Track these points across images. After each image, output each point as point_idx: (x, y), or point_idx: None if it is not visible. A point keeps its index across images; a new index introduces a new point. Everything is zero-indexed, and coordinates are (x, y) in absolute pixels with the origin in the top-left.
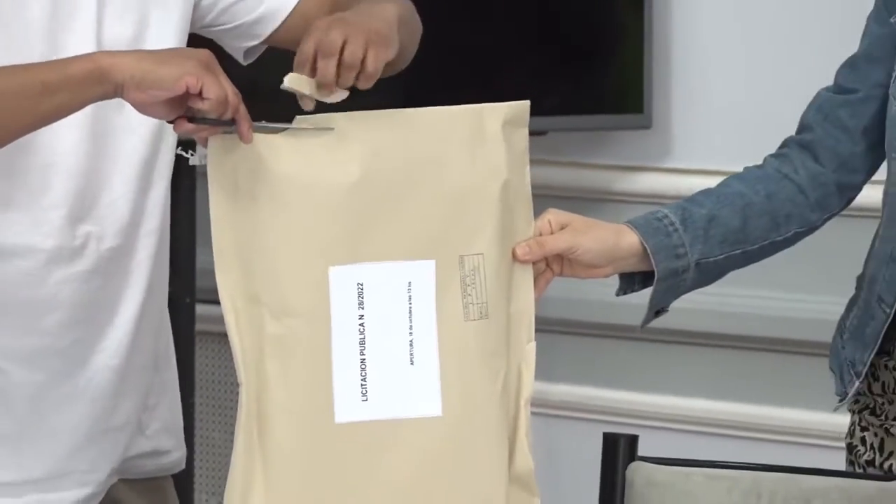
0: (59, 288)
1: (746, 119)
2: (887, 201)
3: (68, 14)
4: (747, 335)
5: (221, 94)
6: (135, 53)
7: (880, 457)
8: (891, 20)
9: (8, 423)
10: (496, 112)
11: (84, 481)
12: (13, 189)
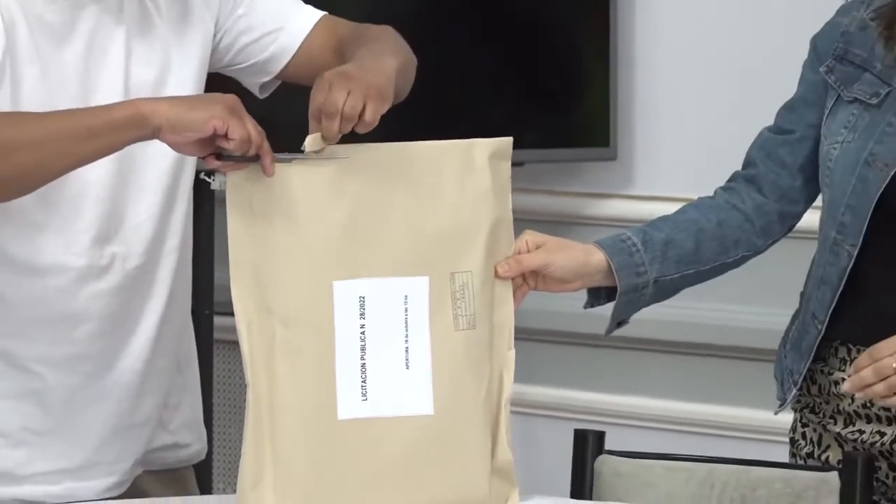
0: (89, 302)
1: (700, 152)
2: (821, 228)
3: (99, 59)
4: (702, 343)
5: (245, 135)
6: (169, 100)
7: (818, 450)
8: (821, 69)
9: (45, 420)
10: (484, 146)
11: (111, 471)
12: (48, 215)
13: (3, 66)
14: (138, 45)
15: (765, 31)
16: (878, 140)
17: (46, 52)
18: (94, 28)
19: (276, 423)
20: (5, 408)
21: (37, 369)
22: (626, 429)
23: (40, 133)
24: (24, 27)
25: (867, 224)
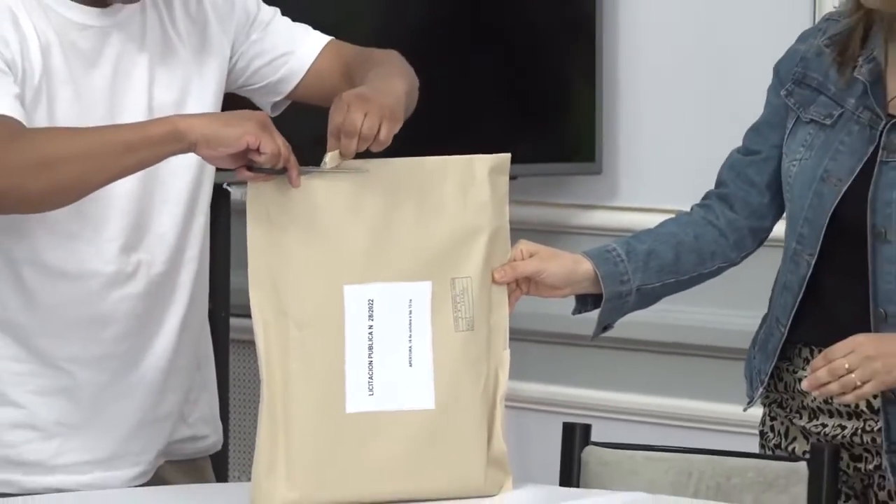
0: (117, 306)
1: (678, 167)
2: (785, 239)
3: (125, 82)
4: (679, 343)
5: (275, 150)
6: (205, 116)
7: (786, 441)
8: (781, 93)
9: (75, 415)
10: (484, 162)
11: (136, 461)
12: (79, 225)
13: (41, 86)
14: (160, 70)
15: (739, 56)
16: (832, 157)
17: (78, 75)
18: (120, 53)
19: (288, 416)
20: (39, 403)
21: (69, 367)
22: (611, 422)
23: (81, 148)
24: (58, 51)
25: (823, 235)
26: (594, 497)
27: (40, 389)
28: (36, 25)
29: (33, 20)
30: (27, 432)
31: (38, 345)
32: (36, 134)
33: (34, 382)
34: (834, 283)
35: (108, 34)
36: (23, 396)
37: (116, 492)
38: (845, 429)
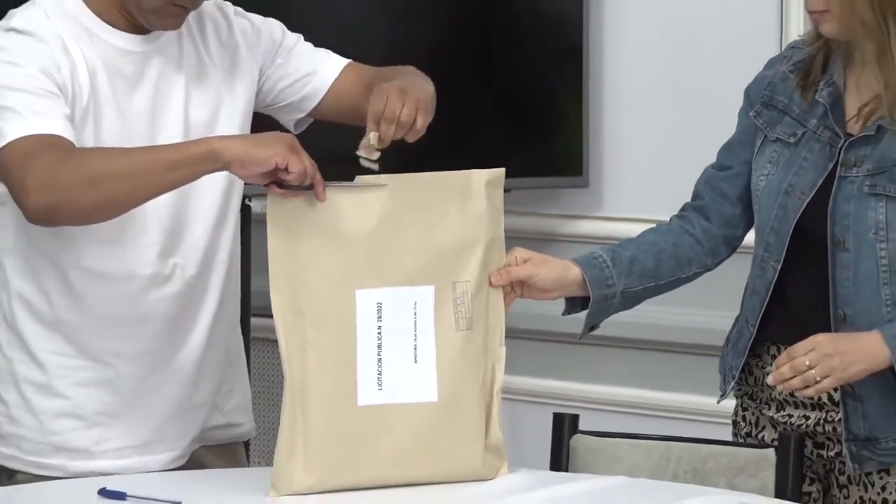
0: (154, 305)
1: (658, 181)
2: (754, 247)
3: (163, 102)
4: (660, 340)
5: (302, 169)
6: (239, 138)
7: (756, 430)
8: (750, 114)
9: (116, 404)
10: (481, 176)
11: (172, 446)
12: (121, 232)
13: (89, 107)
14: (195, 90)
15: (713, 80)
16: (796, 173)
17: (121, 96)
18: (159, 76)
19: (306, 408)
20: (83, 395)
21: (110, 361)
22: (597, 412)
23: (128, 166)
24: (104, 76)
25: (788, 243)
26: (581, 481)
27: (84, 381)
28: (83, 51)
29: (81, 47)
30: (72, 421)
31: (84, 341)
32: (87, 153)
33: (79, 375)
34: (797, 288)
35: (149, 58)
36: (68, 388)
37: (154, 475)
38: (809, 419)
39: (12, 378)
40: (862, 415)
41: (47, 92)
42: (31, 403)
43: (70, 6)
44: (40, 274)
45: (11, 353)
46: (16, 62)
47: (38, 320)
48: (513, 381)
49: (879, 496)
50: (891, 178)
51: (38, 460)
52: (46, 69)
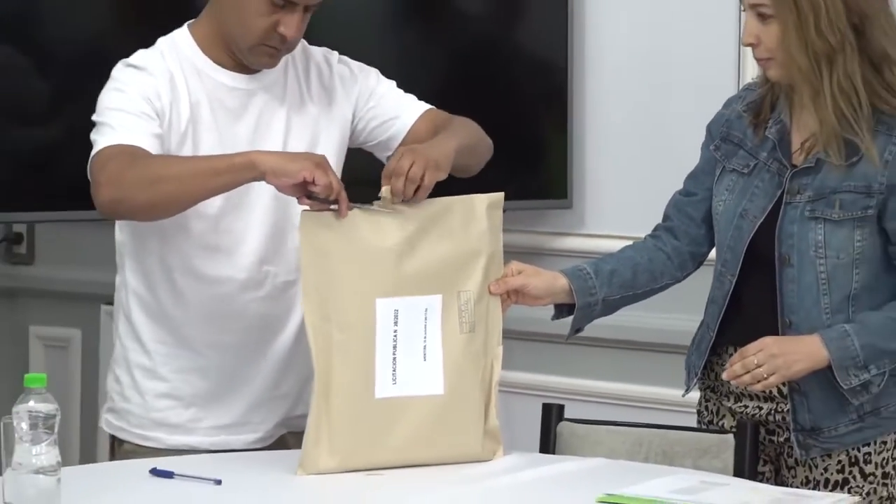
0: (246, 305)
1: (632, 203)
2: (715, 261)
3: (265, 132)
4: (636, 341)
5: (327, 183)
6: (275, 153)
7: (717, 418)
8: (710, 147)
9: (209, 389)
10: (483, 199)
11: (256, 429)
12: (222, 241)
13: (187, 132)
14: (295, 123)
15: (680, 117)
16: (749, 199)
17: (224, 126)
18: (262, 109)
19: (330, 399)
20: (181, 379)
21: (205, 352)
22: (581, 403)
23: (180, 171)
24: (206, 107)
25: (742, 260)
26: (566, 462)
27: (182, 368)
28: (189, 86)
29: (188, 82)
30: (171, 401)
31: (184, 332)
32: (150, 158)
33: (177, 363)
34: (750, 297)
35: (253, 94)
36: (169, 373)
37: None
38: (762, 409)
39: (126, 363)
40: (807, 408)
41: (142, 113)
42: (138, 384)
43: (185, 48)
44: (151, 274)
45: (126, 342)
46: (122, 89)
47: (148, 314)
48: (508, 376)
49: (822, 476)
50: (828, 203)
51: (142, 433)
52: (147, 96)
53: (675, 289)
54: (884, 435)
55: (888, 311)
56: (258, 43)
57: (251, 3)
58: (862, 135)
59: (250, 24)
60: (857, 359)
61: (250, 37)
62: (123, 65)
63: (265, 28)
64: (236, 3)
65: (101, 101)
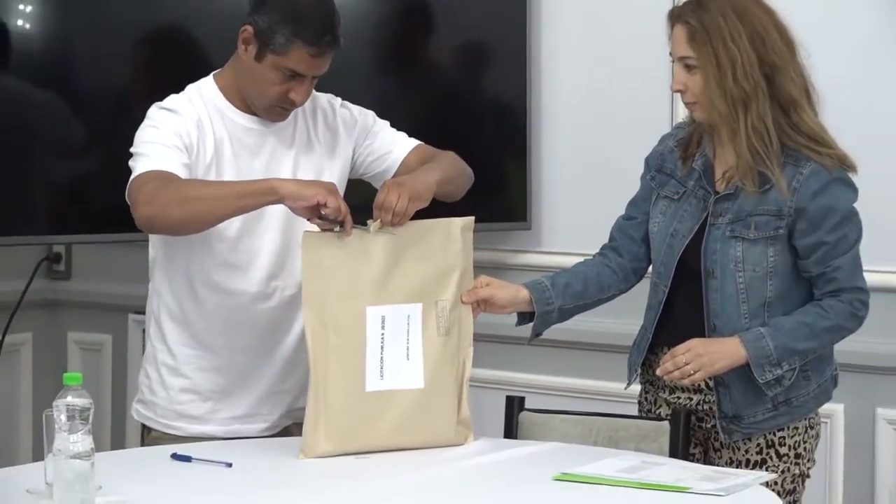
0: (257, 314)
1: (584, 226)
2: (651, 274)
3: (277, 168)
4: (586, 342)
5: (336, 206)
6: (292, 180)
7: (655, 408)
8: (647, 177)
9: (224, 385)
10: (457, 222)
11: (265, 419)
12: (239, 259)
13: (211, 165)
14: (303, 160)
15: (622, 150)
16: (679, 221)
17: (242, 161)
18: (275, 147)
19: (327, 393)
20: (201, 377)
21: (222, 353)
22: (539, 395)
23: (208, 193)
24: (228, 144)
25: (673, 273)
26: (527, 446)
27: (202, 367)
28: (213, 126)
29: (213, 123)
30: (191, 395)
31: (203, 336)
32: (182, 181)
33: (198, 362)
34: (681, 305)
35: (266, 135)
36: (190, 371)
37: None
38: (692, 400)
39: (154, 361)
40: (730, 399)
41: (173, 146)
42: (164, 380)
43: (210, 94)
44: (176, 285)
45: (155, 343)
46: (157, 126)
47: (174, 320)
48: (478, 373)
49: (744, 457)
50: (745, 225)
51: (166, 422)
52: (177, 132)
53: (619, 298)
54: (795, 421)
55: (798, 316)
56: (272, 105)
57: (266, 73)
58: (772, 168)
59: (265, 91)
60: (771, 357)
61: (265, 100)
62: (158, 107)
63: (278, 94)
64: (253, 73)
65: (139, 136)
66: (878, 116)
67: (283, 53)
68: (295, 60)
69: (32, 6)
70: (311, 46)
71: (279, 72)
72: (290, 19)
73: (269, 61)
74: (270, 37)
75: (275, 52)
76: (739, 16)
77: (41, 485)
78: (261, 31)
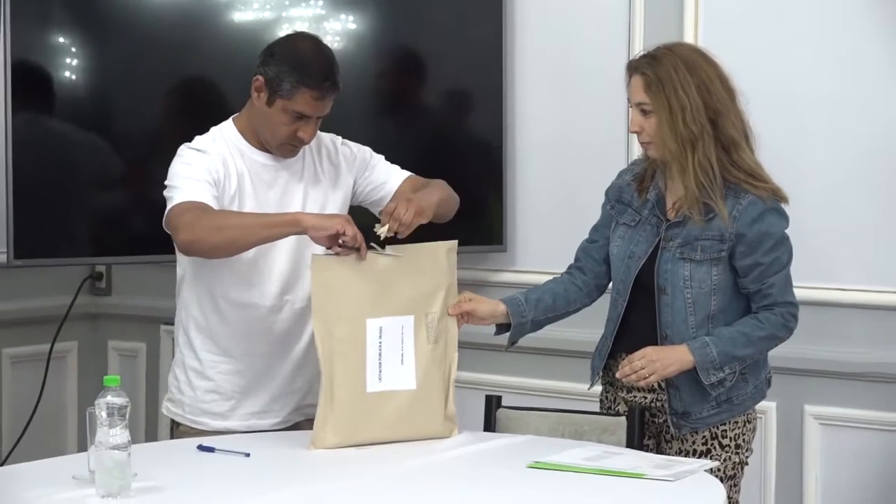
0: (272, 325)
1: (552, 248)
2: (611, 290)
3: (288, 200)
4: (555, 348)
5: (354, 235)
6: (315, 214)
7: (614, 405)
8: (608, 207)
9: (243, 386)
10: (443, 245)
11: (278, 415)
12: (255, 277)
13: (234, 198)
14: (311, 192)
15: (587, 182)
16: (635, 244)
17: (260, 193)
18: (287, 181)
19: (333, 393)
20: (223, 379)
21: (242, 359)
22: (514, 395)
23: (243, 223)
24: (248, 179)
25: (630, 289)
26: (504, 438)
27: (224, 371)
28: (235, 163)
29: (234, 160)
30: (215, 395)
31: (224, 344)
32: (216, 211)
33: (220, 367)
34: (636, 317)
35: (280, 171)
36: (214, 374)
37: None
38: (647, 399)
39: (182, 366)
40: (679, 398)
41: (204, 180)
42: (192, 382)
43: (230, 136)
44: (202, 300)
45: (184, 350)
46: (189, 163)
47: (199, 330)
48: (462, 375)
49: (691, 447)
50: (692, 248)
51: (193, 418)
52: (208, 168)
53: (584, 310)
54: (736, 416)
55: (737, 327)
56: (283, 143)
57: (276, 116)
58: (716, 200)
59: (276, 131)
60: (714, 362)
61: (276, 139)
62: (188, 147)
63: (288, 134)
64: (266, 116)
65: (173, 171)
66: (811, 162)
67: (290, 98)
68: (301, 103)
69: (78, 60)
70: (313, 90)
71: (287, 114)
72: (294, 69)
73: (279, 105)
74: (279, 84)
75: (283, 97)
76: (689, 68)
77: (85, 472)
78: (270, 79)
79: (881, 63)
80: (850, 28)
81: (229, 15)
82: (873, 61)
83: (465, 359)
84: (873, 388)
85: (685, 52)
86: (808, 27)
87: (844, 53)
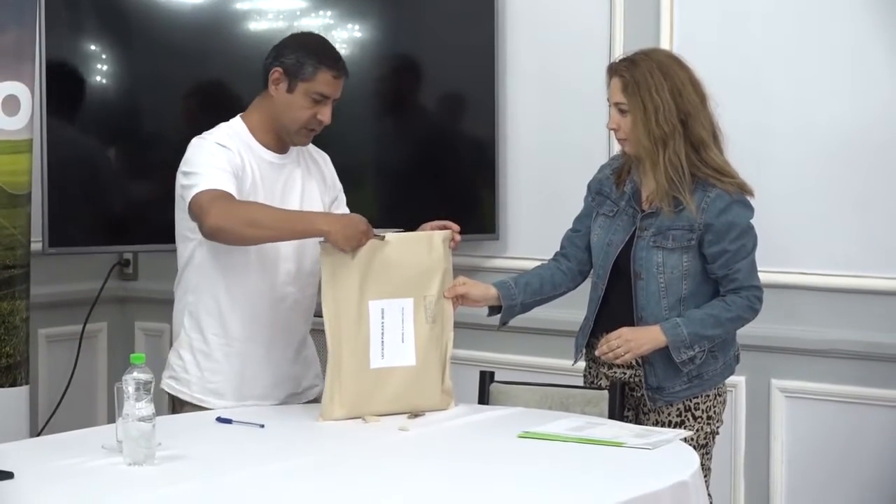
0: (276, 313)
1: (541, 236)
2: (592, 275)
3: (290, 192)
4: (542, 328)
5: (369, 238)
6: (333, 217)
7: (596, 380)
8: (589, 199)
9: (247, 369)
10: (439, 235)
11: (276, 397)
12: (265, 269)
13: (250, 189)
14: (307, 184)
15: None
16: (613, 233)
17: (268, 185)
18: (288, 176)
19: (340, 369)
20: (228, 362)
21: (245, 342)
22: (506, 370)
23: (273, 220)
24: (258, 173)
25: (609, 274)
26: (496, 410)
27: (229, 354)
28: (246, 158)
29: (246, 156)
30: (220, 376)
31: (231, 329)
32: (246, 204)
33: (226, 349)
34: (615, 299)
35: (284, 167)
36: (220, 357)
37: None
38: (626, 374)
39: (190, 348)
40: (654, 374)
41: (225, 170)
42: (199, 363)
43: (241, 133)
44: (214, 287)
45: (191, 333)
46: (213, 154)
47: (209, 314)
48: (457, 353)
49: (667, 419)
50: (664, 237)
51: (198, 396)
52: (228, 160)
53: (568, 294)
54: (706, 391)
55: (706, 309)
56: (302, 127)
57: (298, 101)
58: (684, 194)
59: (297, 116)
60: (685, 341)
61: (297, 124)
62: (207, 140)
63: (308, 117)
64: (287, 103)
65: (196, 160)
66: (776, 159)
67: (312, 79)
68: (322, 83)
69: (108, 65)
70: (332, 70)
71: (308, 97)
72: (312, 53)
73: (301, 89)
74: (300, 69)
75: (305, 80)
76: (663, 73)
77: (113, 442)
78: (289, 67)
79: (844, 71)
80: (814, 39)
81: (245, 24)
82: (838, 69)
83: (460, 337)
84: (834, 363)
85: (661, 57)
86: (775, 36)
87: (808, 61)
